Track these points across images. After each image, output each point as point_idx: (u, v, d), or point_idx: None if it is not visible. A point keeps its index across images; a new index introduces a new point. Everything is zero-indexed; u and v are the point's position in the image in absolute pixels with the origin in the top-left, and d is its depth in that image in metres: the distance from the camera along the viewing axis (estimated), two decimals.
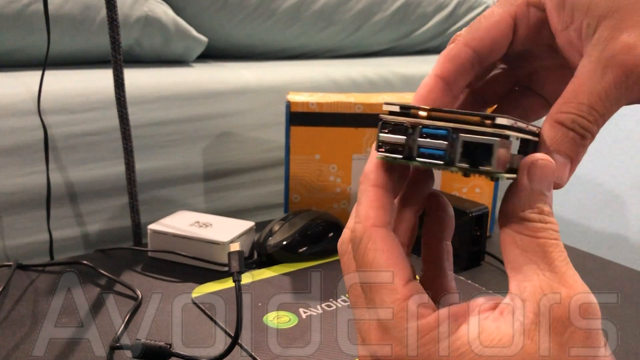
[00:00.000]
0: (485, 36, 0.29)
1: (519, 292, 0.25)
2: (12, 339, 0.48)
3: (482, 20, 0.30)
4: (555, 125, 0.27)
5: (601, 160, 1.53)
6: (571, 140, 0.27)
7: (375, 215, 0.27)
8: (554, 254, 0.25)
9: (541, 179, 0.26)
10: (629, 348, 0.49)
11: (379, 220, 0.27)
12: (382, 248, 0.27)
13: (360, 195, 0.28)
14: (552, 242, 0.25)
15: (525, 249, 0.26)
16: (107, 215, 0.75)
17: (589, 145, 0.28)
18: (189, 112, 0.79)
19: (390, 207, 0.28)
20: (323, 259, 0.65)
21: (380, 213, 0.27)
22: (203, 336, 0.49)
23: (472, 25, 0.30)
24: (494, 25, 0.29)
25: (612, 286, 0.62)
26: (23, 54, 0.79)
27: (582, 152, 0.28)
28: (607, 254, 1.48)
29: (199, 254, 0.62)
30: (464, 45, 0.29)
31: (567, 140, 0.27)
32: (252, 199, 0.86)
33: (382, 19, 1.10)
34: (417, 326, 0.25)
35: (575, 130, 0.27)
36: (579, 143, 0.27)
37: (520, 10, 0.29)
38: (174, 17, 0.87)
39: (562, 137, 0.27)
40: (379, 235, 0.27)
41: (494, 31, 0.29)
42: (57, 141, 0.70)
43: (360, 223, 0.27)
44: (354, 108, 0.69)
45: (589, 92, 0.26)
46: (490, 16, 0.29)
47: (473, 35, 0.29)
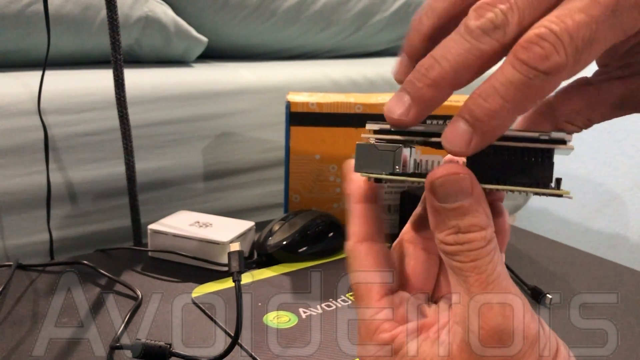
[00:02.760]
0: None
1: (453, 314, 0.26)
2: (12, 339, 0.48)
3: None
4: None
5: (601, 160, 1.53)
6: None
7: (359, 231, 0.29)
8: (470, 279, 0.24)
9: (446, 196, 0.24)
10: (629, 348, 0.49)
11: (362, 235, 0.29)
12: (363, 264, 0.28)
13: (348, 213, 0.30)
14: (468, 265, 0.24)
15: (451, 269, 0.25)
16: (107, 215, 0.75)
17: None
18: (189, 112, 0.79)
19: (376, 219, 0.29)
20: (323, 259, 0.65)
21: (366, 228, 0.29)
22: (203, 336, 0.49)
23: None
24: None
25: (612, 286, 0.62)
26: (23, 54, 0.79)
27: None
28: (607, 254, 1.48)
29: (199, 254, 0.62)
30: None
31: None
32: (252, 199, 0.86)
33: (382, 19, 1.10)
34: (377, 340, 0.27)
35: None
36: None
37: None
38: (174, 17, 0.87)
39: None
40: (362, 251, 0.28)
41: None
42: (57, 141, 0.70)
43: (350, 239, 0.29)
44: (354, 108, 0.69)
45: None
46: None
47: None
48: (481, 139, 0.23)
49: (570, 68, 0.21)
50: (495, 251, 0.24)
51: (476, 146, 0.23)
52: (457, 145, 0.23)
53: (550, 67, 0.21)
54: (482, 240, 0.24)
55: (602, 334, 0.51)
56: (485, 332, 0.24)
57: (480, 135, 0.23)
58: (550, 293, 0.56)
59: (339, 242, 0.67)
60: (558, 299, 0.57)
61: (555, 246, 0.73)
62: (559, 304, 0.57)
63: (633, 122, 1.46)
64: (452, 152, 0.24)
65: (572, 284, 0.62)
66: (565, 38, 0.21)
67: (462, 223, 0.24)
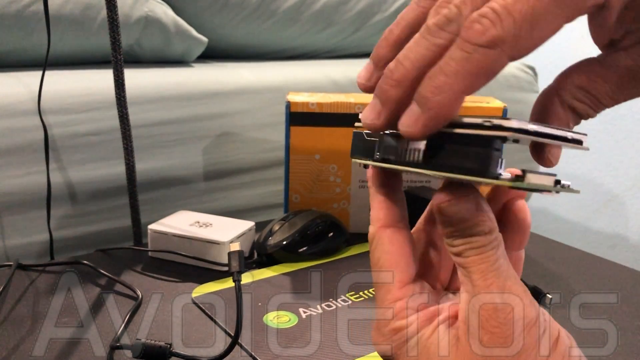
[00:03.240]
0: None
1: (460, 310, 0.26)
2: (12, 339, 0.48)
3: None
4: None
5: (601, 160, 1.53)
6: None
7: (384, 216, 0.29)
8: (474, 275, 0.25)
9: (452, 218, 0.26)
10: (629, 348, 0.49)
11: (387, 220, 0.29)
12: (387, 249, 0.28)
13: (370, 199, 0.30)
14: (472, 259, 0.25)
15: (457, 265, 0.26)
16: (107, 215, 0.75)
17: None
18: (189, 112, 0.79)
19: (397, 205, 0.29)
20: (323, 259, 0.65)
21: (389, 213, 0.29)
22: (203, 336, 0.49)
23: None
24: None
25: (612, 286, 0.62)
26: (23, 54, 0.79)
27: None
28: (607, 254, 1.48)
29: (199, 253, 0.62)
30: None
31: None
32: (252, 199, 0.86)
33: (382, 19, 1.10)
34: (392, 327, 0.27)
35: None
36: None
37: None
38: (174, 17, 0.87)
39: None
40: (386, 236, 0.29)
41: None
42: (57, 141, 0.70)
43: (373, 225, 0.29)
44: (354, 108, 0.69)
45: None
46: None
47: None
48: (428, 118, 0.24)
49: (509, 42, 0.22)
50: (500, 246, 0.25)
51: (424, 125, 0.24)
52: (408, 125, 0.24)
53: (487, 41, 0.22)
54: (485, 240, 0.25)
55: (602, 334, 0.51)
56: (485, 331, 0.24)
57: (427, 113, 0.24)
58: (550, 293, 0.56)
59: (339, 242, 0.67)
60: (558, 299, 0.57)
61: (555, 246, 0.73)
62: (559, 304, 0.57)
63: (633, 122, 1.46)
64: (405, 133, 0.25)
65: (572, 284, 0.62)
66: (502, 13, 0.22)
67: (467, 231, 0.25)
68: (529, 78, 1.12)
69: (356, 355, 0.46)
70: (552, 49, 1.54)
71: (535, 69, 1.15)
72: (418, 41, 0.24)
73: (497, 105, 0.70)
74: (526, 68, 1.13)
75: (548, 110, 0.28)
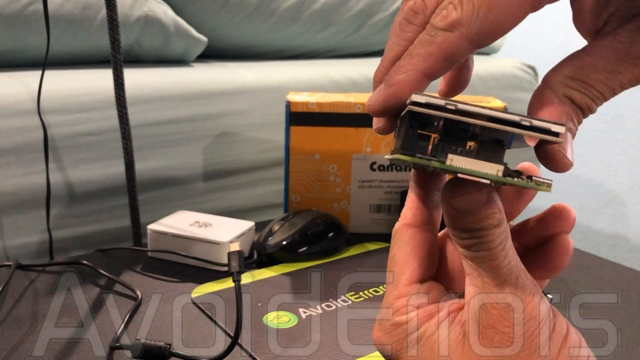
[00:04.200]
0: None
1: (467, 294, 0.26)
2: (12, 339, 0.48)
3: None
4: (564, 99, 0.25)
5: (601, 160, 1.53)
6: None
7: (410, 215, 0.29)
8: (483, 265, 0.25)
9: (464, 212, 0.25)
10: (629, 348, 0.49)
11: (412, 220, 0.29)
12: (404, 248, 0.29)
13: (407, 195, 0.31)
14: (479, 254, 0.25)
15: (465, 259, 0.26)
16: (107, 215, 0.75)
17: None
18: (189, 112, 0.79)
19: (428, 209, 0.30)
20: (323, 259, 0.65)
21: (417, 214, 0.29)
22: (203, 336, 0.49)
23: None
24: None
25: (612, 286, 0.62)
26: (23, 54, 0.79)
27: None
28: (607, 254, 1.48)
29: (199, 254, 0.62)
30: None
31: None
32: (252, 199, 0.86)
33: (382, 19, 1.10)
34: (393, 321, 0.28)
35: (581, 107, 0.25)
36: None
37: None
38: (174, 17, 0.87)
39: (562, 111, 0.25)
40: (407, 234, 0.29)
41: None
42: (57, 141, 0.70)
43: (399, 221, 0.30)
44: (353, 108, 0.69)
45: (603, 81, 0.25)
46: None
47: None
48: (388, 94, 0.25)
49: (467, 24, 0.23)
50: (507, 239, 0.25)
51: (384, 100, 0.25)
52: (371, 100, 0.26)
53: (448, 24, 0.24)
54: (494, 234, 0.25)
55: (602, 334, 0.51)
56: (485, 332, 0.24)
57: (387, 90, 0.25)
58: (550, 293, 0.56)
59: (339, 242, 0.67)
60: (558, 299, 0.57)
61: None
62: (559, 304, 0.57)
63: (633, 122, 1.46)
64: (368, 108, 0.26)
65: (572, 284, 0.62)
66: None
67: (476, 225, 0.25)
68: (529, 78, 1.12)
69: (356, 355, 0.46)
70: (552, 49, 1.54)
71: (535, 69, 1.15)
72: (391, 38, 0.26)
73: (497, 105, 0.70)
74: (526, 68, 1.13)
75: (543, 102, 0.27)
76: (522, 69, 1.12)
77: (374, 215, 0.73)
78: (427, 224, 0.29)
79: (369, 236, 0.72)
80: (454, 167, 0.24)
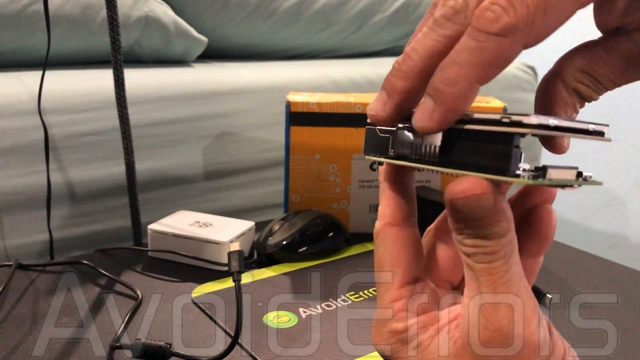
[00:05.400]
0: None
1: (462, 311, 0.26)
2: (12, 339, 0.48)
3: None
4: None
5: (601, 160, 1.53)
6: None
7: (391, 213, 0.28)
8: (482, 279, 0.24)
9: (468, 215, 0.24)
10: (629, 348, 0.49)
11: (393, 218, 0.28)
12: (389, 248, 0.28)
13: (380, 194, 0.29)
14: (482, 266, 0.24)
15: (466, 265, 0.25)
16: (107, 215, 0.75)
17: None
18: (189, 112, 0.79)
19: (407, 203, 0.29)
20: (323, 259, 0.65)
21: (397, 211, 0.28)
22: (203, 336, 0.49)
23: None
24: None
25: (612, 286, 0.62)
26: (23, 54, 0.79)
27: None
28: (607, 254, 1.49)
29: (199, 253, 0.62)
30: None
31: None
32: (252, 199, 0.86)
33: (382, 19, 1.10)
34: (390, 328, 0.27)
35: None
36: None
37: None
38: (174, 17, 0.87)
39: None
40: (390, 234, 0.28)
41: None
42: (57, 141, 0.70)
43: (379, 221, 0.29)
44: (354, 108, 0.69)
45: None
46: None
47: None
48: (443, 111, 0.23)
49: (523, 29, 0.21)
50: (512, 253, 0.24)
51: (439, 119, 0.23)
52: (422, 120, 0.24)
53: (500, 29, 0.21)
54: (498, 245, 0.24)
55: (602, 334, 0.51)
56: (485, 332, 0.24)
57: (441, 106, 0.23)
58: (550, 293, 0.56)
59: (339, 242, 0.67)
60: (558, 299, 0.57)
61: (555, 246, 0.73)
62: (559, 304, 0.57)
63: (633, 122, 1.46)
64: (419, 128, 0.24)
65: (572, 284, 0.62)
66: (515, 0, 0.21)
67: (481, 232, 0.24)
68: (529, 78, 1.12)
69: (356, 355, 0.46)
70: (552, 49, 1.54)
71: (535, 69, 1.15)
72: (426, 33, 0.24)
73: (497, 105, 0.70)
74: (526, 68, 1.13)
75: (553, 95, 0.27)
76: (522, 69, 1.12)
77: (374, 215, 0.73)
78: (407, 220, 0.28)
79: (369, 236, 0.72)
80: (555, 181, 0.23)
